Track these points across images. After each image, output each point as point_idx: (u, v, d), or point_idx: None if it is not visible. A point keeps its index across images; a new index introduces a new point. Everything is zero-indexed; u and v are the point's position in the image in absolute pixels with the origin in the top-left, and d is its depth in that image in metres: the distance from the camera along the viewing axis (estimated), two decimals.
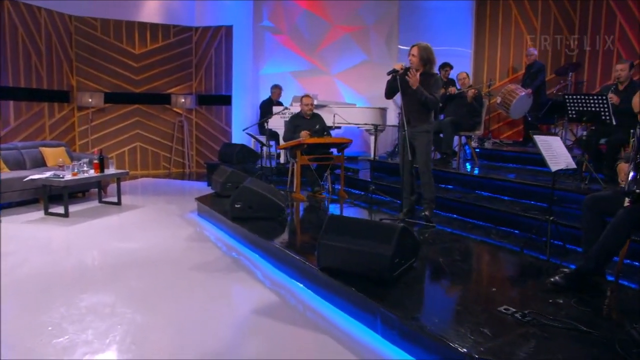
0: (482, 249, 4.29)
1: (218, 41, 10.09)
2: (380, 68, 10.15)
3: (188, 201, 6.96)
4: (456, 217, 5.41)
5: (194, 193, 7.64)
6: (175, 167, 10.25)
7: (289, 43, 10.26)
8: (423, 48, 4.81)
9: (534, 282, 3.38)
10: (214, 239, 5.17)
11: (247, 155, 8.39)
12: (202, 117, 10.34)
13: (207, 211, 5.96)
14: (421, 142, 4.83)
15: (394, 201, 6.25)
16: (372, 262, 3.12)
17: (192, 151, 10.37)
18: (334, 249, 3.29)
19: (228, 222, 5.16)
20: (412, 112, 4.78)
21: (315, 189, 6.68)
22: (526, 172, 6.37)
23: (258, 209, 5.07)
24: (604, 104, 5.03)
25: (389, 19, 10.08)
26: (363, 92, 10.17)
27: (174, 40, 9.97)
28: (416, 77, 4.67)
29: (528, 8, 9.13)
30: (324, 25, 10.13)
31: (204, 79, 10.23)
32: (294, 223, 5.29)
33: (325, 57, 10.26)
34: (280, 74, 10.12)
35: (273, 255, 4.22)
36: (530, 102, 7.92)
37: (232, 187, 6.39)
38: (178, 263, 4.30)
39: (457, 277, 3.44)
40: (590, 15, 8.53)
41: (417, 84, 4.68)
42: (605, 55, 8.36)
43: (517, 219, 4.83)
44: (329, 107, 8.19)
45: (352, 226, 3.32)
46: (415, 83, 4.67)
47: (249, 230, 4.69)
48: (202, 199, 6.38)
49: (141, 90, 9.79)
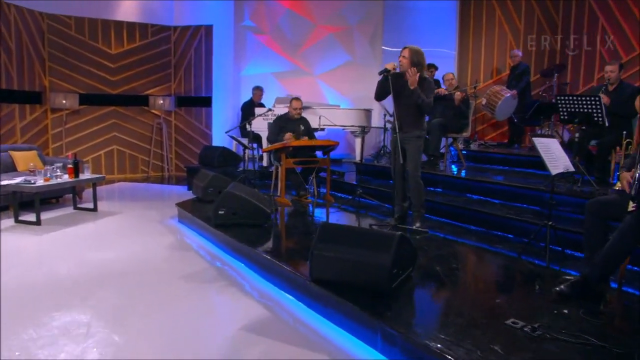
0: (478, 255, 4.13)
1: (198, 41, 9.81)
2: (364, 69, 10.08)
3: (168, 207, 6.68)
4: (447, 221, 5.27)
5: (174, 198, 7.35)
6: (154, 171, 9.92)
7: (271, 43, 10.04)
8: (415, 51, 4.65)
9: (538, 291, 3.24)
10: (197, 247, 4.92)
11: (228, 159, 8.14)
12: (181, 119, 10.04)
13: (188, 217, 5.70)
14: (412, 146, 4.67)
15: (381, 205, 6.08)
16: (370, 274, 2.93)
17: (171, 154, 10.06)
18: (328, 260, 3.09)
19: (211, 229, 4.92)
20: (404, 116, 4.61)
21: (301, 193, 6.47)
22: (514, 175, 6.28)
23: (243, 215, 4.84)
24: (596, 105, 4.94)
25: (373, 19, 9.94)
26: (347, 94, 10.01)
27: (152, 40, 9.66)
28: (415, 76, 4.50)
29: (511, 9, 9.09)
30: (307, 25, 9.94)
31: (183, 80, 9.94)
32: (281, 230, 5.07)
33: (308, 58, 10.06)
34: (262, 74, 9.90)
35: (260, 264, 4.00)
36: (515, 103, 7.85)
37: (214, 192, 6.15)
38: (159, 275, 4.05)
39: (458, 286, 3.27)
40: (573, 16, 8.53)
41: (416, 85, 4.51)
42: (588, 56, 8.36)
43: (511, 223, 4.70)
44: (313, 109, 8.00)
45: (347, 235, 3.12)
46: (414, 83, 4.51)
47: (234, 238, 4.46)
48: (183, 204, 6.12)
49: (118, 92, 9.45)
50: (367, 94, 9.99)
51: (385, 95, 4.81)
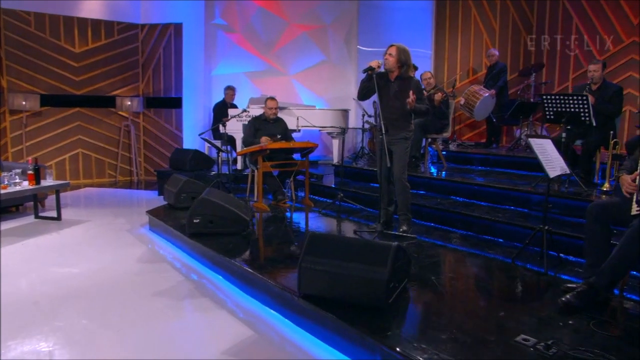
0: (472, 262, 3.95)
1: (167, 40, 9.41)
2: (340, 69, 9.87)
3: (138, 214, 6.31)
4: (434, 225, 5.08)
5: (144, 204, 7.01)
6: (122, 175, 9.47)
7: (243, 42, 9.71)
8: (402, 50, 4.45)
9: (542, 301, 3.08)
10: (171, 258, 4.59)
11: (201, 162, 7.80)
12: (150, 121, 9.62)
13: (160, 226, 5.36)
14: (398, 148, 4.46)
15: (363, 209, 5.87)
16: (365, 289, 2.69)
17: (140, 158, 9.62)
18: (318, 274, 2.83)
19: (186, 238, 4.60)
20: (390, 117, 4.40)
21: (279, 197, 6.20)
22: (496, 175, 6.17)
23: (220, 224, 4.55)
24: (584, 105, 4.84)
25: (348, 18, 9.73)
26: (322, 94, 9.77)
27: (119, 38, 9.21)
28: (413, 101, 4.35)
29: (487, 9, 9.04)
30: (279, 24, 9.65)
31: (151, 80, 9.51)
32: (261, 238, 4.78)
33: (281, 57, 9.78)
34: (234, 74, 9.56)
35: (241, 277, 3.71)
36: (493, 103, 7.78)
37: (188, 197, 5.83)
38: (131, 291, 3.72)
39: (457, 298, 3.07)
40: (547, 16, 8.54)
41: (413, 105, 4.36)
42: (563, 56, 8.37)
43: (500, 227, 4.55)
44: (288, 109, 7.74)
45: (338, 246, 2.88)
46: (411, 104, 4.34)
47: (211, 249, 4.16)
48: (154, 212, 5.76)
49: (82, 92, 8.96)
50: (343, 94, 9.87)
51: (369, 94, 4.60)
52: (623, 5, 7.71)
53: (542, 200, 4.80)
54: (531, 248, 3.95)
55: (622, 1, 7.71)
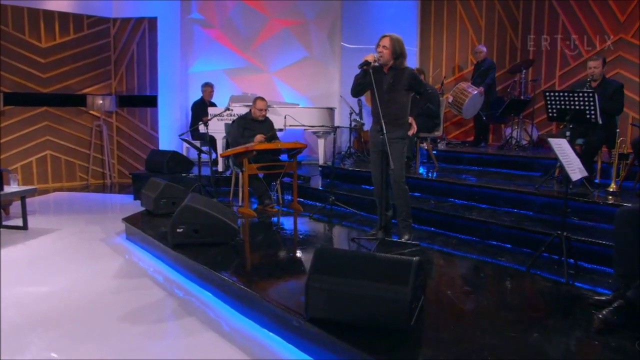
0: (485, 272, 3.65)
1: (140, 35, 8.90)
2: (323, 66, 9.52)
3: (113, 220, 5.85)
4: (435, 230, 4.79)
5: (119, 209, 6.55)
6: (95, 178, 8.92)
7: (221, 38, 9.28)
8: (396, 39, 4.13)
9: (574, 317, 2.80)
10: (152, 271, 4.17)
11: (179, 164, 7.35)
12: (123, 120, 9.09)
13: (138, 234, 4.93)
14: (395, 149, 4.11)
15: (356, 213, 5.55)
16: (384, 310, 2.37)
17: (114, 159, 9.08)
18: (329, 294, 2.49)
19: (168, 249, 4.20)
20: (386, 115, 4.04)
21: (266, 201, 5.82)
22: (491, 175, 5.94)
23: (206, 233, 4.15)
24: (590, 102, 4.61)
25: (331, 13, 9.39)
26: (304, 92, 9.42)
27: (89, 33, 8.66)
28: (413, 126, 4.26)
29: (473, 5, 8.84)
30: (260, 19, 9.26)
31: (125, 78, 8.99)
32: (252, 248, 4.40)
33: (262, 54, 9.39)
34: (212, 71, 9.13)
35: (233, 294, 3.34)
36: (482, 100, 7.58)
37: (168, 203, 5.42)
38: (108, 314, 3.28)
39: (481, 317, 2.76)
40: (533, 13, 8.39)
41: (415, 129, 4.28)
42: (549, 54, 8.23)
43: (507, 231, 4.28)
44: (272, 108, 7.36)
45: (350, 262, 2.54)
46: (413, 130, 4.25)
47: (197, 262, 3.76)
48: (131, 219, 5.31)
49: (50, 90, 8.38)
50: (326, 92, 9.53)
51: (364, 91, 4.29)
52: (610, 2, 7.62)
53: (548, 203, 4.59)
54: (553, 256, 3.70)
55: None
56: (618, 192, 4.66)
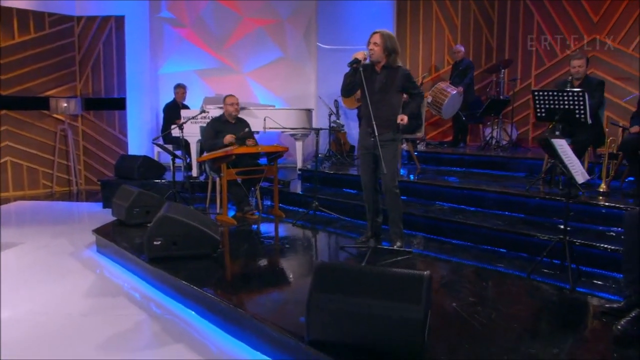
0: (486, 280, 3.48)
1: (107, 34, 8.47)
2: (298, 66, 9.27)
3: (81, 232, 5.47)
4: (426, 236, 4.61)
5: (87, 219, 6.17)
6: (59, 186, 8.43)
7: (192, 37, 8.94)
8: (387, 36, 3.93)
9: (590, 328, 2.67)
10: (127, 288, 3.85)
11: (151, 169, 7.01)
12: (90, 124, 8.63)
13: (110, 247, 4.58)
14: (387, 152, 3.90)
15: (340, 218, 5.34)
16: (395, 331, 2.15)
17: (80, 165, 8.61)
18: (333, 315, 2.26)
19: (144, 264, 3.89)
20: (377, 115, 3.82)
21: (245, 208, 5.55)
22: (477, 177, 5.84)
23: (186, 245, 3.86)
24: (580, 101, 4.52)
25: (307, 13, 9.16)
26: (279, 93, 9.16)
27: (51, 32, 8.17)
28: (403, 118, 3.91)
29: (449, 5, 8.78)
30: (232, 18, 8.96)
31: (90, 79, 8.53)
32: (236, 260, 4.11)
33: (235, 54, 9.09)
34: (183, 72, 8.79)
35: (221, 314, 3.07)
36: (461, 100, 7.50)
37: (141, 212, 5.09)
38: (82, 340, 2.96)
39: (494, 333, 2.57)
40: (508, 13, 8.39)
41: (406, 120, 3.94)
42: (525, 54, 8.22)
43: (501, 235, 4.14)
44: (248, 110, 7.10)
45: (355, 278, 2.31)
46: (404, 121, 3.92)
47: (178, 277, 3.48)
48: (102, 230, 4.96)
49: (9, 93, 7.86)
50: (302, 93, 9.29)
51: (354, 90, 4.07)
52: (583, 2, 7.66)
53: (541, 205, 4.48)
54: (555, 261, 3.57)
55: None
56: (608, 192, 4.59)
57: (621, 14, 7.37)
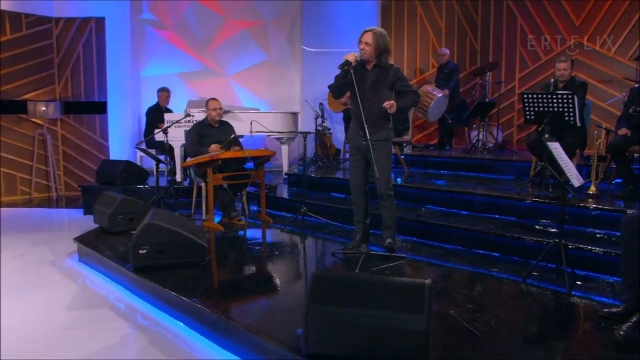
0: (481, 285, 3.42)
1: (87, 36, 8.26)
2: (282, 69, 9.18)
3: (62, 240, 5.29)
4: (417, 240, 4.55)
5: (68, 226, 5.99)
6: (38, 192, 8.19)
7: (175, 40, 8.79)
8: (379, 34, 3.83)
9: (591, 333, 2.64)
10: (112, 299, 3.71)
11: (134, 175, 6.83)
12: (69, 128, 8.40)
13: (93, 256, 4.42)
14: (380, 153, 3.82)
15: (329, 223, 5.26)
16: (397, 343, 2.08)
17: (59, 171, 8.38)
18: (331, 326, 2.17)
19: (130, 273, 3.75)
20: (368, 116, 3.73)
21: (232, 214, 5.43)
22: (465, 180, 5.83)
23: (173, 254, 3.73)
24: (569, 104, 4.52)
25: (290, 15, 9.09)
26: (264, 96, 9.07)
27: (28, 33, 7.94)
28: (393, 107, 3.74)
29: (433, 7, 8.79)
30: (216, 20, 8.84)
31: (70, 82, 8.32)
32: (225, 268, 4.00)
33: (218, 56, 8.96)
34: (165, 75, 8.63)
35: (210, 325, 2.96)
36: (447, 103, 7.51)
37: (125, 219, 4.95)
38: (65, 356, 2.83)
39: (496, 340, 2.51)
40: (492, 16, 8.43)
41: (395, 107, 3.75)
42: (509, 57, 8.27)
43: (494, 239, 4.09)
44: (233, 113, 6.99)
45: (353, 288, 2.22)
46: (393, 107, 3.73)
47: (166, 287, 3.35)
48: (84, 238, 4.79)
49: None
50: (287, 96, 9.20)
51: (345, 92, 3.98)
52: (565, 6, 7.74)
53: (532, 208, 4.46)
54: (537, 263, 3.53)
55: (564, 2, 7.74)
56: (597, 195, 4.59)
57: (602, 17, 7.46)
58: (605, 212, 4.07)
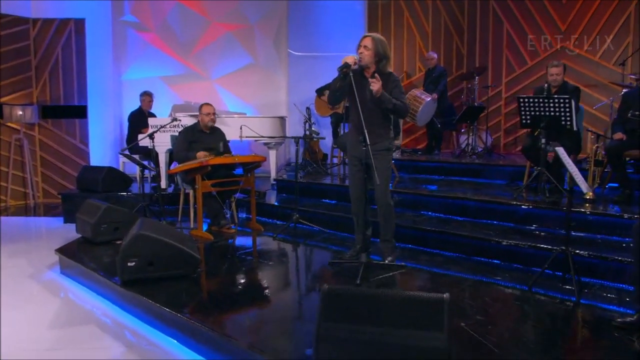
0: (487, 294, 3.31)
1: (66, 38, 7.98)
2: (268, 73, 9.03)
3: (41, 250, 5.04)
4: (414, 247, 4.42)
5: (47, 236, 5.74)
6: (15, 199, 7.85)
7: (158, 42, 8.58)
8: (379, 40, 3.74)
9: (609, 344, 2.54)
10: (99, 315, 3.49)
11: (116, 181, 6.58)
12: (48, 133, 8.09)
13: (76, 268, 4.19)
14: (380, 163, 3.70)
15: (323, 231, 5.11)
16: None
17: (37, 177, 8.06)
18: (344, 346, 2.02)
19: (117, 287, 3.54)
20: (369, 123, 3.61)
21: (222, 222, 5.25)
22: (458, 185, 5.76)
23: (163, 266, 3.54)
24: (566, 108, 4.47)
25: (276, 18, 8.94)
26: (249, 100, 8.90)
27: (4, 35, 7.62)
28: (379, 83, 3.58)
29: (420, 12, 8.76)
30: (200, 22, 8.65)
31: (48, 85, 8.02)
32: (219, 281, 3.80)
33: (203, 60, 8.77)
34: (148, 79, 8.42)
35: (208, 343, 2.78)
36: (435, 107, 7.43)
37: (109, 229, 4.73)
38: None
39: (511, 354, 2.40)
40: (478, 22, 8.43)
41: (381, 90, 3.60)
42: (495, 61, 8.26)
43: (494, 246, 3.99)
44: (220, 118, 6.78)
45: (368, 304, 2.08)
46: (379, 90, 3.58)
47: (157, 302, 3.16)
48: (66, 249, 4.55)
49: None
50: (273, 100, 9.04)
51: (343, 96, 3.85)
52: (550, 11, 7.78)
53: (531, 214, 4.38)
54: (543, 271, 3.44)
55: (550, 7, 7.77)
56: (594, 199, 4.54)
57: (588, 22, 7.50)
58: (605, 217, 4.01)
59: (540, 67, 7.81)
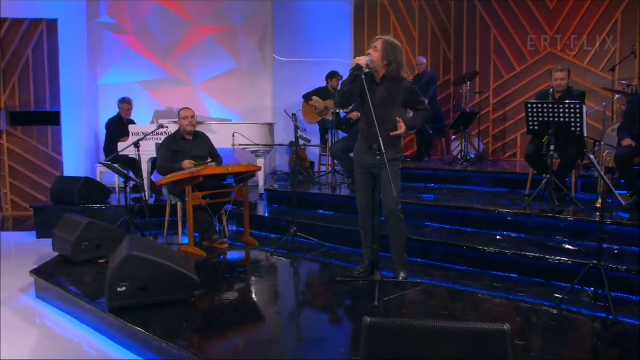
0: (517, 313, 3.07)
1: (37, 39, 7.48)
2: (253, 78, 8.69)
3: (13, 271, 4.58)
4: (424, 262, 4.14)
5: (18, 254, 5.28)
6: None
7: (136, 45, 8.16)
8: (390, 44, 3.47)
9: None
10: (87, 347, 3.09)
11: (94, 193, 6.13)
12: (17, 141, 7.55)
13: (54, 292, 3.76)
14: (390, 172, 3.45)
15: (322, 244, 4.80)
16: None
17: (6, 189, 7.51)
18: None
19: (104, 314, 3.15)
20: (380, 131, 3.35)
21: (213, 237, 4.88)
22: (458, 193, 5.56)
23: (157, 290, 3.17)
24: (576, 113, 4.29)
25: (261, 21, 8.64)
26: (233, 106, 8.56)
27: None
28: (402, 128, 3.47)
29: (406, 16, 8.60)
30: (181, 25, 8.28)
31: (18, 90, 7.49)
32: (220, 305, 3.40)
33: (183, 64, 8.39)
34: (126, 84, 7.98)
35: None
36: None
37: (91, 246, 4.33)
38: None
39: None
40: (465, 27, 8.32)
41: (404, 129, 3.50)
42: (483, 67, 8.15)
43: (509, 259, 3.76)
44: (205, 125, 6.43)
45: (417, 338, 1.78)
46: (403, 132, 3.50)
47: (151, 332, 2.79)
48: (42, 271, 4.10)
49: None
50: (258, 106, 8.72)
51: (352, 100, 3.58)
52: (538, 17, 7.71)
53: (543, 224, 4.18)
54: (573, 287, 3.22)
55: (537, 13, 7.69)
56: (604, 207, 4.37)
57: (575, 28, 7.44)
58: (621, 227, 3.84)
59: (528, 73, 7.78)
